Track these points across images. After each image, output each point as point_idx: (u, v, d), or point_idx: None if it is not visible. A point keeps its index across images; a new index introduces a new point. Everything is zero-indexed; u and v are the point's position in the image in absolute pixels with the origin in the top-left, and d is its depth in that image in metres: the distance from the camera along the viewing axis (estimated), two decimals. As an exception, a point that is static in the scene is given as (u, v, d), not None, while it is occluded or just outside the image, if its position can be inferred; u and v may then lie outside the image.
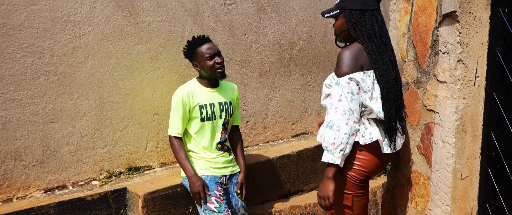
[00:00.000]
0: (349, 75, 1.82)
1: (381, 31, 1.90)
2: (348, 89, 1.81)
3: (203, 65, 2.24)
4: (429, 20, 2.03)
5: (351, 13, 1.92)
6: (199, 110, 2.27)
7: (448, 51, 1.91)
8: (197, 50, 2.24)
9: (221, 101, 2.34)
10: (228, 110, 2.37)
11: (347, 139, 1.81)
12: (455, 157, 1.91)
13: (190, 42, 2.30)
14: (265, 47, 3.27)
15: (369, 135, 1.89)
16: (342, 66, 1.84)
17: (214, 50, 2.24)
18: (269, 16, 3.25)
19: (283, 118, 3.50)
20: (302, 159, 3.27)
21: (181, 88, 2.30)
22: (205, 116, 2.29)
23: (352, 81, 1.82)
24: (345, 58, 1.84)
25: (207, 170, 2.31)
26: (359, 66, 1.85)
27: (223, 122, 2.35)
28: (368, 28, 1.88)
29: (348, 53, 1.85)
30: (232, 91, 2.44)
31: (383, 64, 1.88)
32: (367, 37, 1.88)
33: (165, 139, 2.77)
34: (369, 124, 1.93)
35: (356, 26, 1.91)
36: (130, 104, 2.58)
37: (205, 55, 2.22)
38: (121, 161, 2.58)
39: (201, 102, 2.28)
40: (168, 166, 2.80)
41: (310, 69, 3.63)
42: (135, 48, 2.55)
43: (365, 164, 1.94)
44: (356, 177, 1.93)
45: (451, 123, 1.91)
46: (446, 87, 1.93)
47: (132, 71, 2.56)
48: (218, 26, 2.95)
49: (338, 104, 1.82)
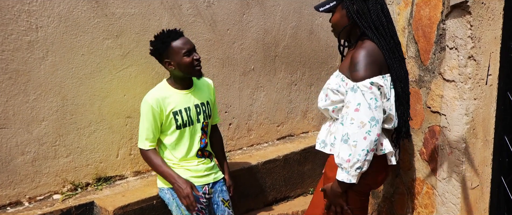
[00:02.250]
0: (370, 79, 1.52)
1: (388, 22, 1.63)
2: (370, 95, 1.51)
3: (179, 63, 1.93)
4: (434, 13, 1.80)
5: (352, 3, 1.62)
6: (173, 117, 1.98)
7: (456, 47, 1.68)
8: (172, 45, 1.92)
9: (198, 103, 2.05)
10: (206, 111, 2.08)
11: (365, 156, 1.51)
12: (465, 164, 1.68)
13: (160, 36, 1.96)
14: (249, 44, 2.99)
15: (380, 146, 1.63)
16: (360, 68, 1.53)
17: (191, 45, 1.95)
18: (253, 11, 2.97)
19: (268, 119, 3.23)
20: (289, 164, 3.01)
21: (149, 95, 1.98)
22: (181, 123, 1.99)
23: (374, 86, 1.52)
24: (363, 60, 1.54)
25: (188, 179, 2.02)
26: (378, 69, 1.56)
27: (202, 126, 2.07)
28: (375, 19, 1.59)
29: (365, 53, 1.55)
30: (208, 89, 2.15)
31: (396, 61, 1.61)
32: (375, 30, 1.59)
33: (139, 144, 2.46)
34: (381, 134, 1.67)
35: (360, 18, 1.61)
36: (99, 106, 2.25)
37: (181, 51, 1.91)
38: (88, 170, 2.26)
39: (175, 108, 1.98)
40: (143, 174, 2.49)
41: (296, 68, 3.37)
42: (103, 43, 2.23)
43: (372, 177, 1.68)
44: (361, 192, 1.68)
45: (461, 126, 1.68)
46: (455, 86, 1.70)
47: (100, 69, 2.23)
48: (198, 20, 2.65)
49: (355, 115, 1.51)
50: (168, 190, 2.02)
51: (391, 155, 1.68)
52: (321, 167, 3.35)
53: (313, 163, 3.21)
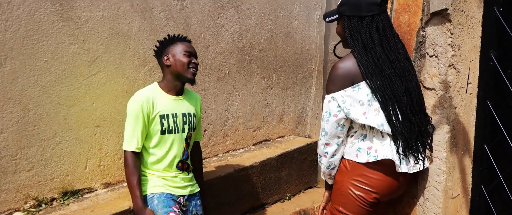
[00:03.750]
0: (332, 94, 1.64)
1: (382, 39, 1.58)
2: (327, 108, 1.67)
3: (176, 60, 1.87)
4: (413, 19, 1.75)
5: (348, 20, 1.64)
6: (159, 121, 1.85)
7: (437, 55, 1.64)
8: (178, 43, 1.91)
9: (185, 112, 1.94)
10: (191, 122, 1.97)
11: (319, 159, 1.76)
12: (446, 174, 1.64)
13: (170, 36, 1.98)
14: (224, 48, 2.88)
15: (373, 152, 1.58)
16: (328, 83, 1.67)
17: (194, 51, 1.94)
18: (228, 14, 2.86)
19: (244, 124, 3.13)
20: (266, 170, 2.92)
21: (139, 94, 1.86)
22: (166, 128, 1.87)
23: (334, 101, 1.63)
24: (333, 75, 1.65)
25: (163, 187, 1.89)
26: (349, 81, 1.61)
27: (186, 136, 1.95)
28: (364, 37, 1.59)
29: (336, 68, 1.64)
30: (196, 102, 2.06)
31: (382, 76, 1.57)
32: (362, 47, 1.60)
33: (110, 154, 2.31)
34: (375, 139, 1.61)
35: (352, 34, 1.63)
36: (65, 116, 2.09)
37: (183, 51, 1.89)
38: (53, 184, 2.09)
39: (162, 112, 1.87)
40: (114, 186, 2.34)
41: (272, 71, 3.29)
42: (69, 49, 2.07)
43: (374, 184, 1.61)
44: (363, 197, 1.61)
45: (441, 135, 1.64)
46: (435, 95, 1.66)
47: (66, 76, 2.07)
48: (171, 24, 2.52)
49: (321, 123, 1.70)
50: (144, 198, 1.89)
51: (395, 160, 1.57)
52: (298, 172, 3.29)
53: (290, 169, 3.14)
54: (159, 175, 1.90)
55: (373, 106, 1.59)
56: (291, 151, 3.12)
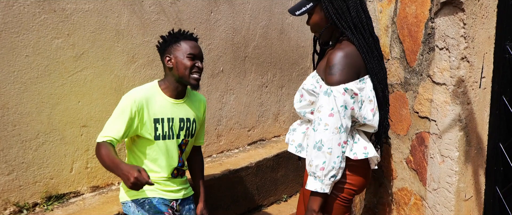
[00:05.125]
0: (344, 85, 1.38)
1: (367, 18, 1.46)
2: (341, 102, 1.36)
3: (179, 62, 1.66)
4: (421, 10, 1.62)
5: (330, 2, 1.45)
6: (153, 125, 1.68)
7: (448, 47, 1.51)
8: (181, 43, 1.67)
9: (183, 118, 1.76)
10: (189, 128, 1.78)
11: (340, 163, 1.36)
12: (458, 174, 1.51)
13: (174, 32, 1.73)
14: (217, 44, 2.73)
15: (363, 149, 1.45)
16: (335, 72, 1.39)
17: (199, 52, 1.70)
18: (221, 8, 2.71)
19: (238, 124, 2.98)
20: (262, 171, 2.77)
21: (135, 91, 1.67)
22: (160, 133, 1.69)
23: (348, 93, 1.38)
24: (340, 63, 1.39)
25: (155, 191, 1.73)
26: (356, 73, 1.41)
27: (180, 143, 1.77)
28: (354, 17, 1.43)
29: (343, 56, 1.40)
30: (199, 106, 1.86)
31: (375, 62, 1.44)
32: (354, 29, 1.43)
33: (97, 156, 2.14)
34: (360, 136, 1.49)
35: (339, 18, 1.45)
36: (48, 115, 1.92)
37: (187, 52, 1.66)
38: (36, 188, 1.92)
39: (157, 116, 1.69)
40: (102, 189, 2.17)
41: (266, 69, 3.14)
42: (52, 43, 1.90)
43: (355, 181, 1.49)
44: (345, 197, 1.47)
45: (453, 133, 1.51)
46: (446, 90, 1.53)
47: (49, 72, 1.90)
48: (162, 18, 2.36)
49: (329, 120, 1.36)
50: (132, 203, 1.72)
51: (376, 159, 1.53)
52: (294, 172, 3.15)
53: (286, 169, 3.00)
54: (151, 178, 1.74)
55: (375, 104, 1.47)
56: (287, 151, 2.97)
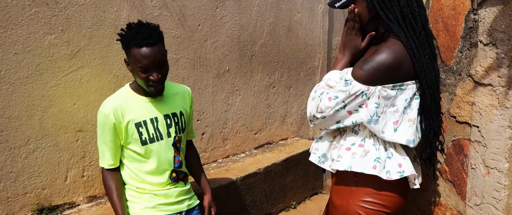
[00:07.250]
0: (365, 87, 1.21)
1: (420, 7, 1.25)
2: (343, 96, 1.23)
3: (133, 71, 1.41)
4: (461, 1, 1.40)
5: None
6: (136, 130, 1.46)
7: (495, 42, 1.29)
8: (132, 51, 1.38)
9: (168, 114, 1.53)
10: (178, 123, 1.56)
11: None
12: (508, 189, 1.30)
13: (127, 32, 1.41)
14: (223, 42, 2.50)
15: (397, 167, 1.23)
16: (366, 69, 1.20)
17: (153, 61, 1.37)
18: (227, 4, 2.49)
19: (245, 126, 2.76)
20: (270, 177, 2.56)
21: (106, 102, 1.46)
22: (146, 137, 1.48)
23: (362, 98, 1.22)
24: (380, 62, 1.20)
25: (156, 208, 1.51)
26: (395, 77, 1.21)
27: (174, 142, 1.55)
28: (404, 6, 1.21)
29: (391, 56, 1.19)
30: (183, 97, 1.62)
31: (426, 62, 1.23)
32: (402, 21, 1.22)
33: (95, 163, 1.91)
34: (395, 150, 1.27)
35: (385, 9, 1.24)
36: (40, 119, 1.69)
37: (138, 64, 1.37)
38: (26, 200, 1.68)
39: (137, 119, 1.46)
40: (99, 199, 1.94)
41: (274, 68, 2.92)
42: (45, 40, 1.66)
43: (388, 202, 1.27)
44: None
45: (502, 142, 1.29)
46: (492, 91, 1.31)
47: (41, 72, 1.67)
48: (165, 14, 2.13)
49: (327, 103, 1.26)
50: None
51: (414, 178, 1.30)
52: (303, 177, 2.93)
53: (294, 174, 2.78)
54: (150, 190, 1.52)
55: (408, 115, 1.25)
56: (296, 155, 2.77)
